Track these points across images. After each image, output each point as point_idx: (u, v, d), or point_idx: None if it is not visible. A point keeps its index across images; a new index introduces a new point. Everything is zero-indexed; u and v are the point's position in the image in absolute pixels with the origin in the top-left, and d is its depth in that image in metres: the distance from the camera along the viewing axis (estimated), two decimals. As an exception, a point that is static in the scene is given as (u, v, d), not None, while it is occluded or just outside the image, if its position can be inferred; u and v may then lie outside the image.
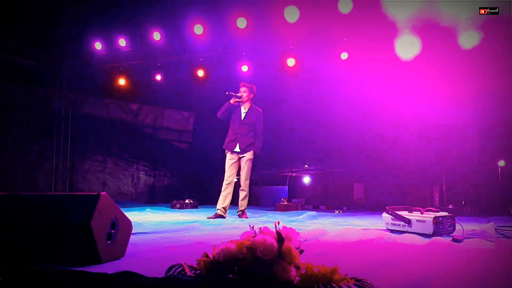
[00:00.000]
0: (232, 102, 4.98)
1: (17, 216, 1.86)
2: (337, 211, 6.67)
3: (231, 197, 4.96)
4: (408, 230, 2.99)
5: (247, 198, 5.07)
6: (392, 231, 3.14)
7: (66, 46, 7.74)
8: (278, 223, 1.40)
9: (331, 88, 7.44)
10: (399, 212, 3.10)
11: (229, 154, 5.03)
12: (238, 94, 4.98)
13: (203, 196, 8.57)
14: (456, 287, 1.44)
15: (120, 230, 1.90)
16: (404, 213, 3.07)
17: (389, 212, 3.15)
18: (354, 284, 1.26)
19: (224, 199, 4.90)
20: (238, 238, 1.40)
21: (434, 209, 3.03)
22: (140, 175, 9.08)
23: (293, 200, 7.77)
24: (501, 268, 1.75)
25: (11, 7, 6.58)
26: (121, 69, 7.74)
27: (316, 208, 7.73)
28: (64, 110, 7.97)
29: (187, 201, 7.14)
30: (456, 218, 3.04)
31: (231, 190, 4.96)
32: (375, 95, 6.99)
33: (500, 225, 3.65)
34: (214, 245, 1.41)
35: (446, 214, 2.98)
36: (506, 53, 5.22)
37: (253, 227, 1.43)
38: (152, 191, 9.20)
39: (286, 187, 8.98)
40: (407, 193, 7.56)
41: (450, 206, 6.65)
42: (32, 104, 7.63)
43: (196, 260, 1.40)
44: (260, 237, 1.33)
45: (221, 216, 4.80)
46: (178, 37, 7.08)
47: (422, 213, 2.96)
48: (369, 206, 7.78)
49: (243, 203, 5.02)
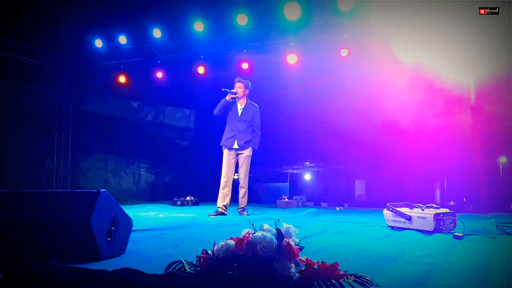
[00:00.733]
0: (228, 98, 4.91)
1: (17, 213, 1.86)
2: (338, 208, 6.67)
3: (230, 194, 4.95)
4: (409, 227, 2.99)
5: (247, 195, 5.06)
6: (393, 227, 3.14)
7: (67, 44, 7.75)
8: (278, 220, 1.40)
9: (333, 84, 7.41)
10: (400, 209, 3.10)
11: (226, 151, 4.97)
12: (233, 90, 4.92)
13: (204, 193, 8.58)
14: (456, 283, 1.43)
15: (120, 227, 1.90)
16: (405, 210, 3.07)
17: (390, 209, 3.15)
18: (354, 280, 1.26)
19: (224, 197, 4.88)
20: (238, 235, 1.40)
21: (435, 205, 3.03)
22: (141, 173, 9.09)
23: (294, 197, 7.77)
24: (502, 265, 1.75)
25: (12, 5, 6.57)
26: (122, 67, 7.75)
27: (317, 205, 7.74)
28: (65, 108, 7.97)
29: (188, 198, 7.15)
30: (457, 215, 3.04)
31: (230, 187, 4.94)
32: (377, 92, 6.96)
33: (501, 222, 3.64)
34: (214, 242, 1.41)
35: (447, 210, 2.97)
36: (507, 50, 5.19)
37: (253, 224, 1.43)
38: (153, 188, 9.21)
39: (287, 184, 8.98)
40: (408, 190, 7.54)
41: (451, 203, 6.63)
42: (33, 102, 7.64)
43: (196, 257, 1.40)
44: (259, 234, 1.33)
45: (222, 214, 4.79)
46: (178, 34, 7.07)
47: (423, 210, 2.96)
48: (370, 203, 7.77)
49: (243, 200, 5.02)
